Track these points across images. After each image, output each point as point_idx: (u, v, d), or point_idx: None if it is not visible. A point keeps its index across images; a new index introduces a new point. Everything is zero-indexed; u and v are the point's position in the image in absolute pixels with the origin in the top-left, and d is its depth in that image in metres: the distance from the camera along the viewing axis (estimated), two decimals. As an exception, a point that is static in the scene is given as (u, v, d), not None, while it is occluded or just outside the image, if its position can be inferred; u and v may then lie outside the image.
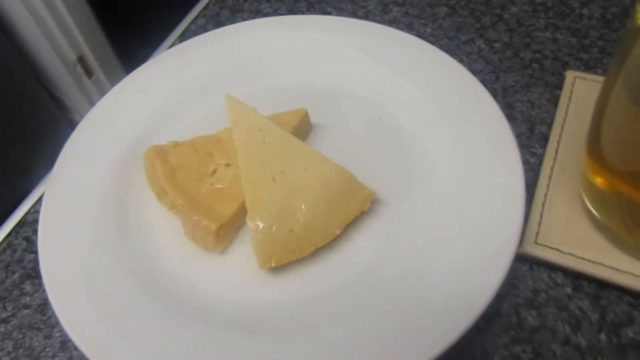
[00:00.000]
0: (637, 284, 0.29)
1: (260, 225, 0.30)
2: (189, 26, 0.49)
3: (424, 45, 0.40)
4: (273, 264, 0.30)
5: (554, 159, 0.35)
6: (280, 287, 0.31)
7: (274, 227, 0.30)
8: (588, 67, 0.41)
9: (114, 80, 0.50)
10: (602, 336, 0.29)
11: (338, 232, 0.31)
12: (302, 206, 0.31)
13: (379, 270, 0.30)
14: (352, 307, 0.29)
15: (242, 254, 0.32)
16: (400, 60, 0.39)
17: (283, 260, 0.30)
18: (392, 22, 0.47)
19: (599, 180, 0.30)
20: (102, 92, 0.65)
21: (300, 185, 0.31)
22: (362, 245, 0.32)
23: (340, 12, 0.48)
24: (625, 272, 0.30)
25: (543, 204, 0.33)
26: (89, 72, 0.94)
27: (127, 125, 0.38)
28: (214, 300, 0.30)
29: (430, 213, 0.32)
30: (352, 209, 0.32)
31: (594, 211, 0.31)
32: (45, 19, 0.82)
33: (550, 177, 0.34)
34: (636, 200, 0.29)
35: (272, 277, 0.31)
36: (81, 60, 0.91)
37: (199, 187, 0.33)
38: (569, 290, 0.31)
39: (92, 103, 0.73)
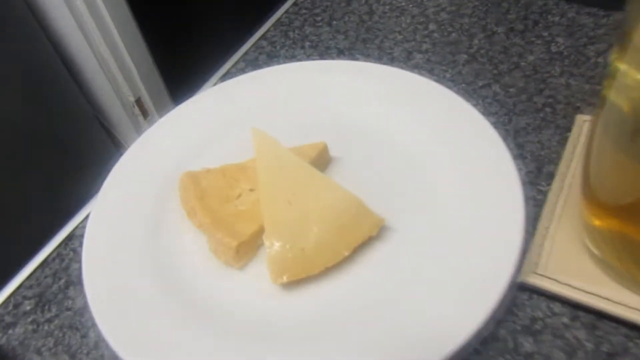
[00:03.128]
0: (632, 316, 0.30)
1: (275, 243, 0.33)
2: (229, 69, 0.54)
3: (440, 88, 0.43)
4: (285, 280, 0.33)
5: (558, 196, 0.36)
6: (291, 301, 0.34)
7: (287, 246, 0.33)
8: (599, 112, 0.43)
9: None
10: (596, 365, 0.30)
11: (346, 253, 0.34)
12: (314, 228, 0.34)
13: (381, 291, 0.33)
14: (353, 324, 0.31)
15: (260, 271, 0.35)
16: (416, 101, 0.43)
17: (295, 276, 0.33)
18: (415, 68, 0.50)
19: (592, 217, 0.32)
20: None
21: (313, 209, 0.34)
22: (368, 267, 0.34)
23: (367, 58, 0.52)
24: (621, 304, 0.31)
25: (544, 237, 0.34)
26: (145, 113, 1.01)
27: (167, 155, 0.43)
28: (230, 310, 0.33)
29: (434, 241, 0.34)
30: (361, 233, 0.34)
31: (590, 246, 0.33)
32: (108, 60, 0.90)
33: (552, 211, 0.36)
34: (628, 236, 0.30)
35: (284, 293, 0.34)
36: (139, 101, 0.99)
37: (224, 208, 0.36)
38: (565, 319, 0.32)
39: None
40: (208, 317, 0.33)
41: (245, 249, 0.35)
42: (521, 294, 0.33)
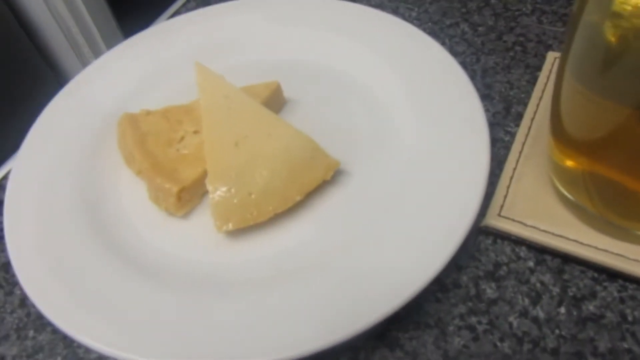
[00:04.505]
0: (601, 258, 0.28)
1: (219, 187, 0.30)
2: (179, 9, 0.50)
3: (404, 25, 0.40)
4: (231, 227, 0.30)
5: (526, 135, 0.34)
6: (239, 251, 0.31)
7: (232, 190, 0.30)
8: (571, 50, 0.40)
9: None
10: (562, 309, 0.28)
11: (298, 198, 0.31)
12: (263, 171, 0.31)
13: (336, 238, 0.30)
14: (306, 273, 0.29)
15: (205, 221, 0.32)
16: (378, 39, 0.39)
17: (241, 223, 0.30)
18: (379, 6, 0.47)
19: (561, 157, 0.29)
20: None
21: (263, 150, 0.31)
22: (322, 214, 0.32)
23: (328, -4, 0.48)
24: (589, 245, 0.29)
25: (510, 178, 0.32)
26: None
27: (106, 95, 0.39)
28: (172, 261, 0.31)
29: (393, 185, 0.32)
30: (314, 177, 0.31)
31: (560, 187, 0.31)
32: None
33: (520, 152, 0.33)
34: (600, 174, 0.28)
35: (231, 242, 0.31)
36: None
37: (165, 153, 0.33)
38: (531, 264, 0.30)
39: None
40: (149, 270, 0.30)
41: (188, 196, 0.32)
42: (485, 238, 0.31)
